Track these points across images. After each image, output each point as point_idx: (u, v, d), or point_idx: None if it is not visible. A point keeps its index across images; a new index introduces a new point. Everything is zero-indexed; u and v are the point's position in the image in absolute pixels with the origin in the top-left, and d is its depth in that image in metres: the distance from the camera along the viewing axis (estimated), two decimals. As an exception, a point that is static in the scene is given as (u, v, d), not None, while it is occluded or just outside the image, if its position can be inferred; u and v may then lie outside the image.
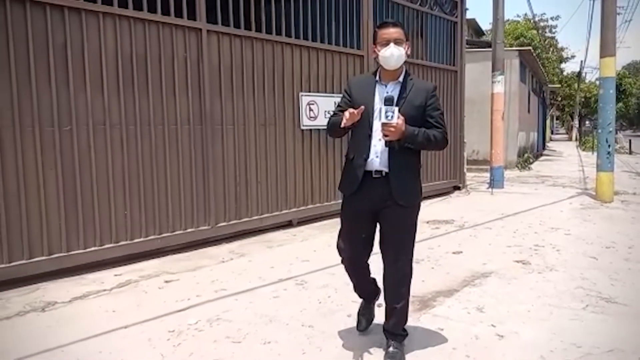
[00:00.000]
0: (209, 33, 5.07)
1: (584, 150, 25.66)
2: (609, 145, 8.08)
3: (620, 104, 42.58)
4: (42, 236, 3.98)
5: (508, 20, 29.00)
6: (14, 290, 3.79)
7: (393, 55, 2.55)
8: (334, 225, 5.74)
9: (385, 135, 2.48)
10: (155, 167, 4.72)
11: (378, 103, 2.58)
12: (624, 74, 41.80)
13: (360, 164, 2.60)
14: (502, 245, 5.32)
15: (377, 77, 2.68)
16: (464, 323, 3.23)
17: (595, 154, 9.45)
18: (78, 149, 4.17)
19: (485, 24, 29.96)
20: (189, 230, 5.02)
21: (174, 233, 4.89)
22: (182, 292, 3.82)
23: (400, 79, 2.65)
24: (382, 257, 2.70)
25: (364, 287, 2.97)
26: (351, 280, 2.95)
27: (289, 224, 6.12)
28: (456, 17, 9.04)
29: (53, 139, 4.03)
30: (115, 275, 4.23)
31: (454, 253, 5.02)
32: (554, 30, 35.70)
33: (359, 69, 6.94)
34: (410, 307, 3.44)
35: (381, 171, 2.59)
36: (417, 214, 2.72)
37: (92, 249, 4.29)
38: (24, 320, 3.30)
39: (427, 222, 6.54)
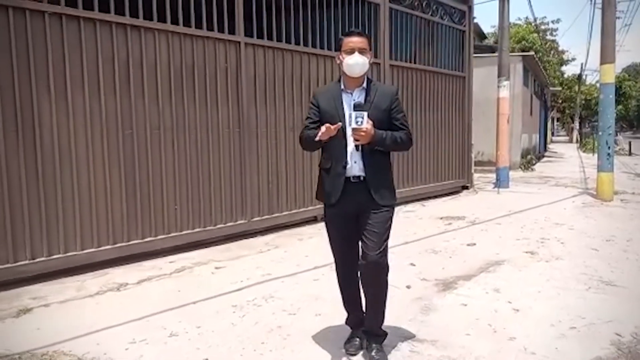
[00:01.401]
0: (246, 46, 5.60)
1: (584, 152, 26.11)
2: (609, 147, 8.60)
3: (620, 107, 43.11)
4: (108, 227, 4.51)
5: (510, 24, 29.53)
6: (86, 274, 4.31)
7: (357, 63, 2.64)
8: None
9: (356, 140, 2.60)
10: (201, 166, 5.25)
11: (347, 111, 2.68)
12: (624, 77, 42.38)
13: (340, 172, 2.68)
14: (511, 239, 5.83)
15: (342, 86, 2.76)
16: (484, 300, 3.75)
17: (595, 155, 9.95)
18: (137, 150, 4.71)
19: (487, 27, 30.53)
20: (229, 224, 5.54)
21: (216, 226, 5.42)
22: (232, 276, 4.35)
23: (364, 84, 2.74)
24: (361, 250, 2.74)
25: (356, 297, 2.94)
26: (343, 295, 2.99)
27: (314, 220, 6.63)
28: (464, 26, 9.56)
29: (117, 141, 4.56)
30: (170, 262, 4.76)
31: (468, 245, 5.54)
32: (554, 33, 36.29)
33: (376, 75, 7.46)
34: (435, 289, 4.03)
35: (359, 176, 2.69)
36: (393, 214, 2.78)
37: (148, 239, 4.81)
38: (104, 298, 3.83)
39: (441, 218, 7.07)
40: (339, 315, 3.30)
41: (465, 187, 9.95)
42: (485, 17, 72.11)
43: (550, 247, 5.39)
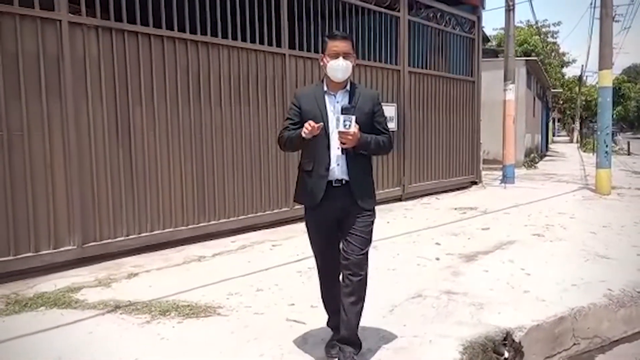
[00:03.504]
0: (289, 57, 6.46)
1: (584, 151, 26.85)
2: (607, 146, 9.46)
3: (620, 108, 43.99)
4: (183, 211, 5.38)
5: (512, 27, 30.29)
6: (168, 250, 5.17)
7: (342, 68, 2.64)
8: (386, 211, 7.19)
9: (342, 143, 2.59)
10: (253, 161, 6.11)
11: (331, 112, 2.69)
12: (623, 79, 43.28)
13: (323, 174, 2.66)
14: (520, 225, 6.67)
15: (325, 87, 2.75)
16: (501, 268, 4.60)
17: (595, 154, 10.77)
18: (205, 148, 5.56)
19: (489, 29, 31.37)
20: (275, 210, 6.40)
21: (265, 212, 6.27)
22: (289, 251, 5.19)
23: (348, 87, 2.75)
24: (343, 251, 2.75)
25: (338, 300, 2.80)
26: (324, 297, 3.00)
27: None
28: (474, 34, 10.40)
29: (190, 141, 5.43)
30: (232, 242, 5.61)
31: (482, 229, 6.38)
32: (555, 35, 37.16)
33: (396, 81, 8.31)
34: (460, 260, 4.88)
35: (341, 180, 2.69)
36: (374, 219, 2.80)
37: (213, 222, 5.67)
38: (190, 266, 4.68)
39: (455, 209, 7.92)
40: (388, 278, 4.17)
41: (474, 183, 10.78)
42: (487, 19, 72.96)
43: (555, 231, 6.23)
